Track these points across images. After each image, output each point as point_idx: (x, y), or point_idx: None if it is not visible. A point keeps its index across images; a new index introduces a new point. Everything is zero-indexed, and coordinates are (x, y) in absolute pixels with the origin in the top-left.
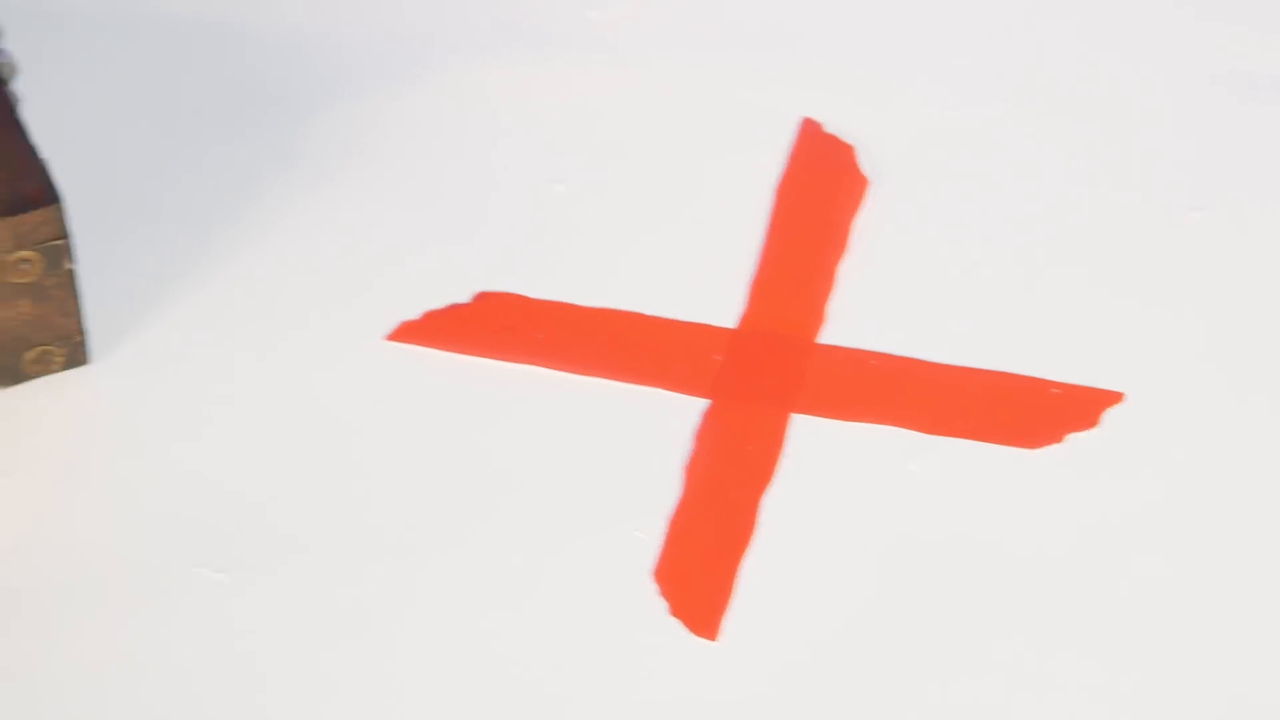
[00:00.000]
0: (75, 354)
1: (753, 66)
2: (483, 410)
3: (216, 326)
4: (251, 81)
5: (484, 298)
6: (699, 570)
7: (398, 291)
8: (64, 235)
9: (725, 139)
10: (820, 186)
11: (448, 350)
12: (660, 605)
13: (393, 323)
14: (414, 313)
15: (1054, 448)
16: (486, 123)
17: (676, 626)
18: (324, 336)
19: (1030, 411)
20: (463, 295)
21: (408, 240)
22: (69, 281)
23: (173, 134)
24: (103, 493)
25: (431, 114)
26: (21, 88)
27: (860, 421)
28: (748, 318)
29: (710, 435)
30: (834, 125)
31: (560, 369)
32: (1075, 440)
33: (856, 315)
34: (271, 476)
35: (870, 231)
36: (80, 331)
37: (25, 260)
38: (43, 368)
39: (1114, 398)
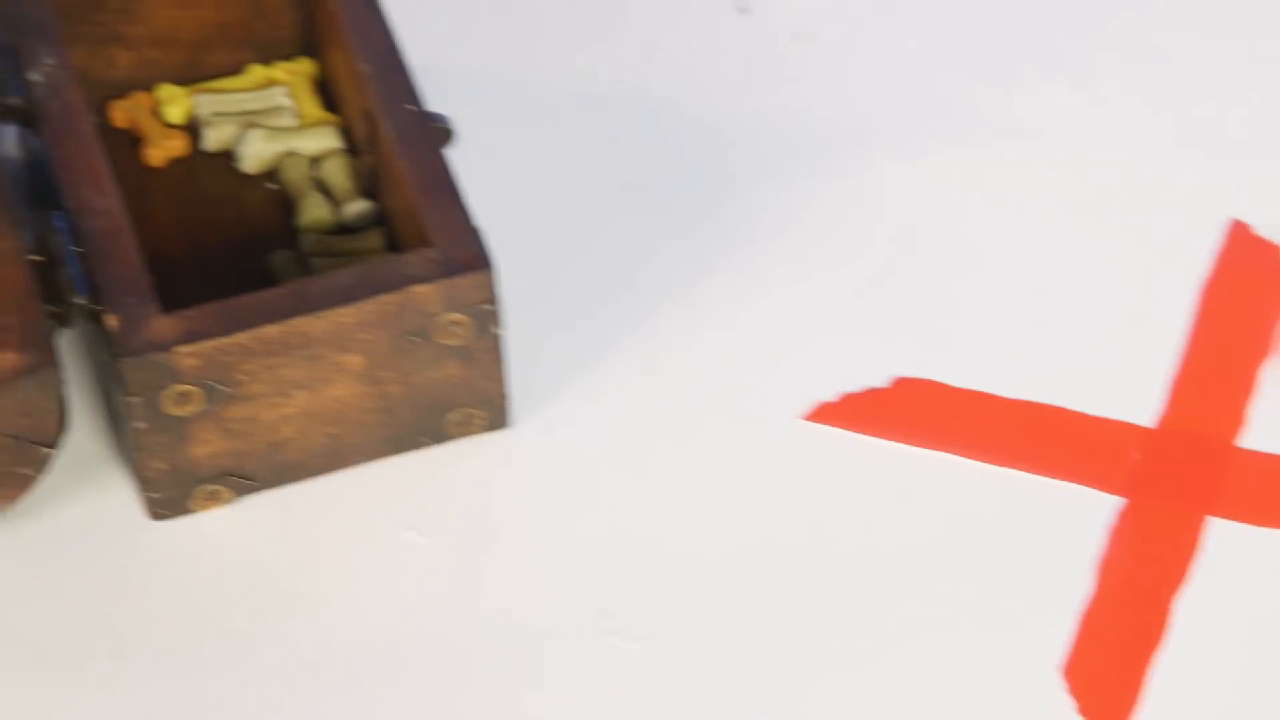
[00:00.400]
0: (497, 418)
1: (1181, 165)
2: (896, 494)
3: (635, 397)
4: (680, 158)
5: (902, 383)
6: (1108, 670)
7: (815, 373)
8: (494, 300)
9: (1150, 236)
10: (1246, 288)
11: (863, 433)
12: (1068, 703)
13: (809, 403)
14: (831, 394)
15: None
16: (908, 211)
17: None
18: (740, 412)
19: None
20: (880, 380)
21: (828, 322)
22: (496, 346)
23: (602, 206)
24: (517, 556)
25: (855, 199)
26: (460, 153)
27: (1279, 529)
28: (1167, 417)
29: (1125, 533)
30: (1264, 228)
31: (975, 458)
32: None
33: (1279, 420)
34: (682, 549)
35: None
36: (504, 396)
37: (456, 323)
38: (465, 429)
39: None
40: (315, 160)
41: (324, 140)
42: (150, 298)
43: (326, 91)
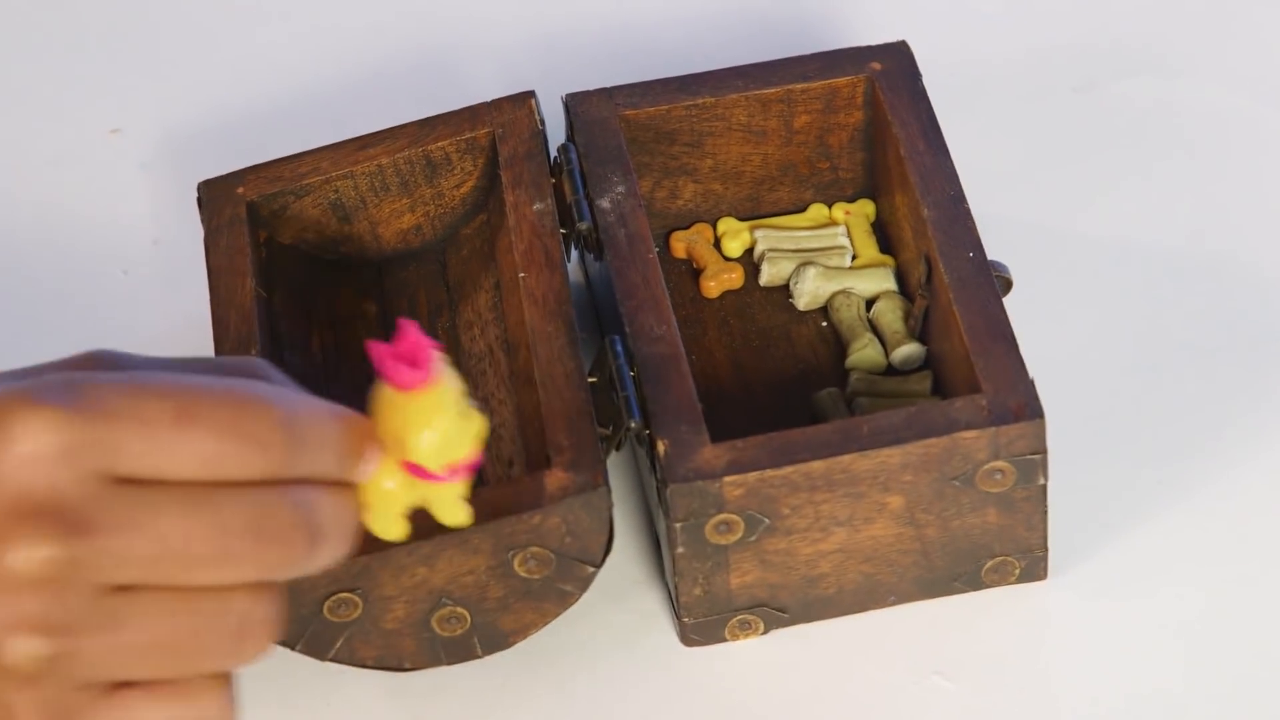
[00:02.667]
0: (1034, 568)
1: None
2: None
3: (1177, 559)
4: (1239, 319)
5: None
6: None
7: None
8: (1042, 451)
9: None
10: None
11: None
12: None
13: None
14: None
15: None
16: None
17: None
18: None
19: None
20: None
21: None
22: (1039, 496)
23: (1155, 362)
24: (1044, 709)
25: None
26: (1015, 302)
27: None
28: None
29: None
30: None
31: None
32: None
33: None
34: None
35: None
36: (1043, 546)
37: (1000, 471)
38: (999, 578)
39: None
40: (868, 301)
41: (879, 281)
42: (701, 426)
43: (883, 233)
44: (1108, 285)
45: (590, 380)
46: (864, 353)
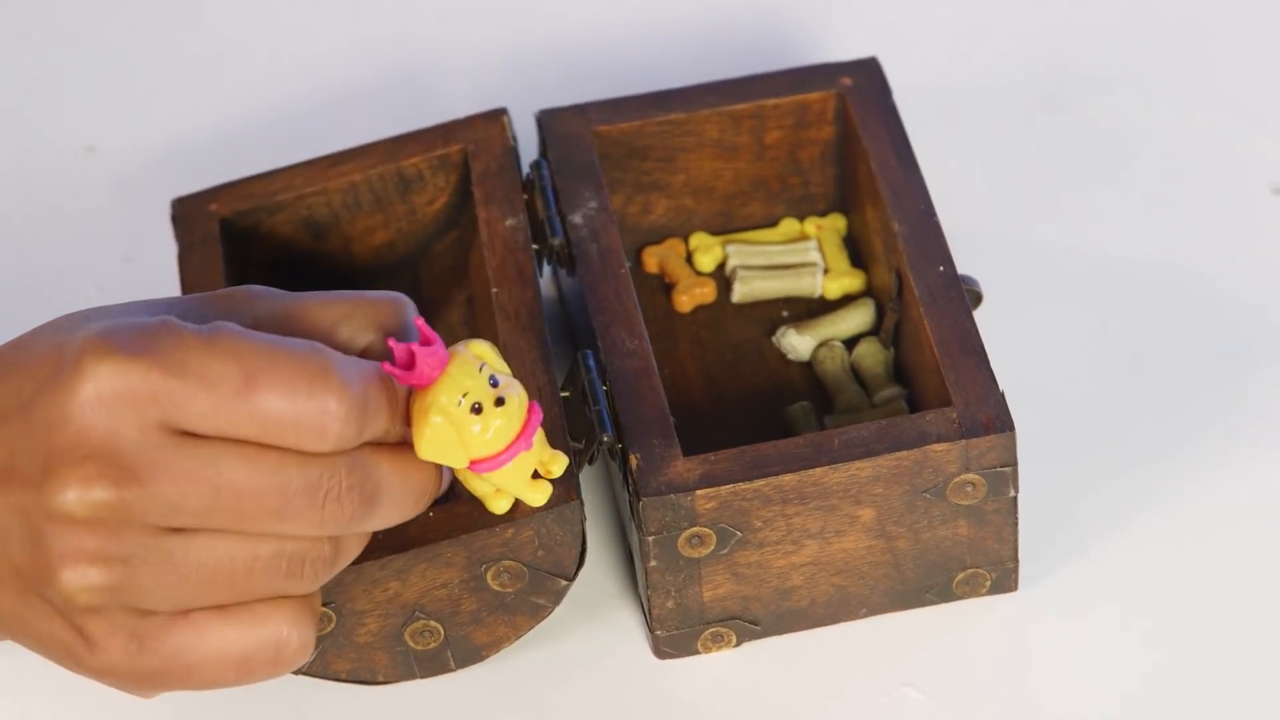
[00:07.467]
0: (1004, 580)
1: None
2: None
3: (1148, 569)
4: (1207, 332)
5: None
6: None
7: None
8: (1012, 463)
9: None
10: None
11: None
12: None
13: None
14: None
15: None
16: None
17: None
18: (1260, 594)
19: None
20: None
21: None
22: (1010, 508)
23: (1125, 374)
24: (1005, 718)
25: None
26: (986, 315)
27: None
28: None
29: None
30: None
31: None
32: None
33: None
34: None
35: None
36: (1013, 558)
37: (970, 483)
38: (970, 590)
39: None
40: (849, 345)
41: (857, 321)
42: (673, 440)
43: (854, 247)
44: (1077, 299)
45: (563, 395)
46: (849, 402)
